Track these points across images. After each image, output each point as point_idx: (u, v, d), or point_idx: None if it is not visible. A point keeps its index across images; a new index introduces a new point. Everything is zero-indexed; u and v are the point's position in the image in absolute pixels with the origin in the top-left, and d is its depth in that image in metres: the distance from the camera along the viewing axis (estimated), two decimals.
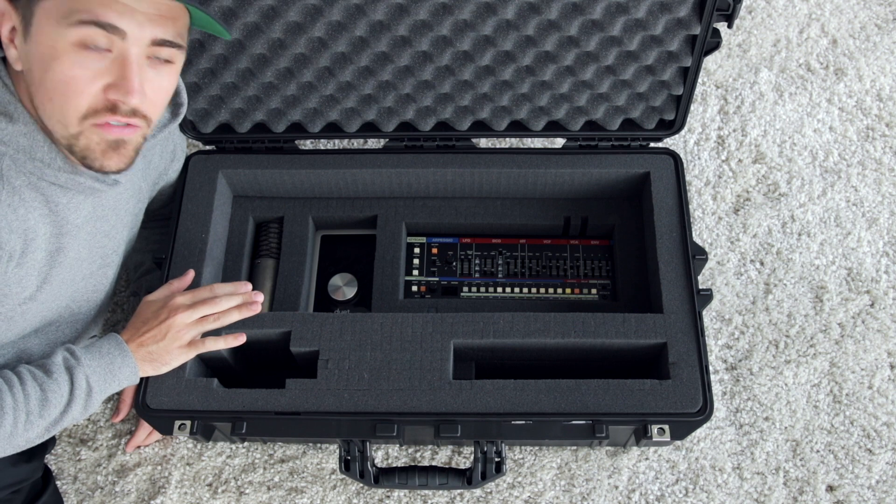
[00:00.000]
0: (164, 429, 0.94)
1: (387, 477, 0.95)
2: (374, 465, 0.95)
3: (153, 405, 0.94)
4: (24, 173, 0.79)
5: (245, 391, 0.94)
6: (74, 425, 1.14)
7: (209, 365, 1.01)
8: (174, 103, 0.92)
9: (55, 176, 0.80)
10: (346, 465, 0.94)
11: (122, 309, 1.23)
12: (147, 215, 1.15)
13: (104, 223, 0.92)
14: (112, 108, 0.75)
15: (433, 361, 0.95)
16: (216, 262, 1.07)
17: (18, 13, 0.74)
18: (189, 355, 0.92)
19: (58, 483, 1.09)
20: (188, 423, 0.93)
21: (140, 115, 0.78)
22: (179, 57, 0.80)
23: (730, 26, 0.94)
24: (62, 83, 0.73)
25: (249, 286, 0.97)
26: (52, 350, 0.88)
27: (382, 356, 0.96)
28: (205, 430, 0.96)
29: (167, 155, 1.05)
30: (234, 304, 0.94)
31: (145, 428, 1.10)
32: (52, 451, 1.12)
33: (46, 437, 0.85)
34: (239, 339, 0.95)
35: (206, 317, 0.92)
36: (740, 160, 1.33)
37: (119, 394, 1.15)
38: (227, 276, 1.10)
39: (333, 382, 0.94)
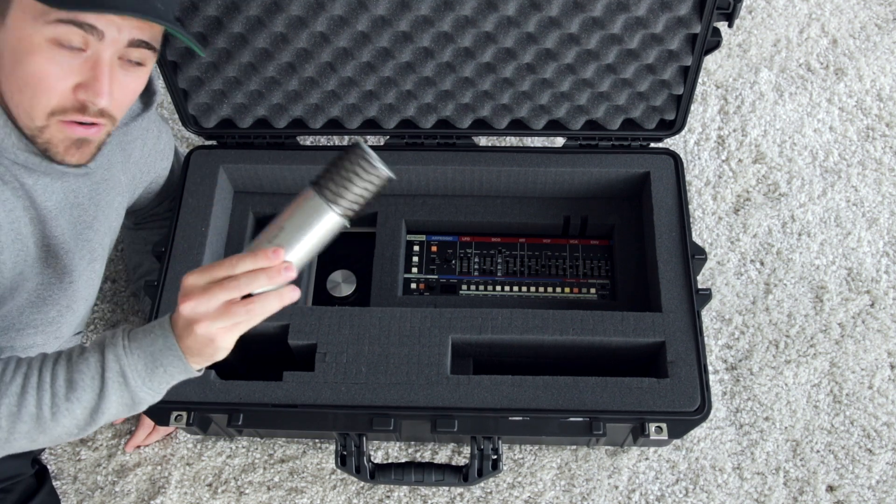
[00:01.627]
0: (161, 420, 0.94)
1: (382, 472, 0.95)
2: (370, 460, 0.95)
3: None
4: None
5: (242, 383, 0.95)
6: None
7: None
8: (146, 93, 0.92)
9: (16, 155, 0.79)
10: (342, 461, 0.94)
11: (121, 309, 1.23)
12: (144, 215, 1.15)
13: (84, 213, 0.91)
14: (80, 108, 0.75)
15: (431, 356, 0.95)
16: (216, 256, 1.08)
17: None
18: (232, 339, 0.74)
19: (57, 483, 1.09)
20: (184, 414, 0.93)
21: (107, 115, 0.78)
22: (151, 59, 0.80)
23: (730, 26, 0.95)
24: (34, 78, 0.73)
25: (277, 252, 0.71)
26: (39, 346, 0.87)
27: (380, 350, 0.96)
28: (201, 422, 0.96)
29: (149, 150, 1.04)
30: (264, 284, 0.71)
31: (145, 428, 1.10)
32: (52, 451, 1.11)
33: (92, 428, 0.76)
34: (294, 295, 0.73)
35: (231, 304, 0.71)
36: (740, 160, 1.34)
37: None
38: None
39: (331, 376, 0.94)
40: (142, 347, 0.73)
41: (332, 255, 1.17)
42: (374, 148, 1.13)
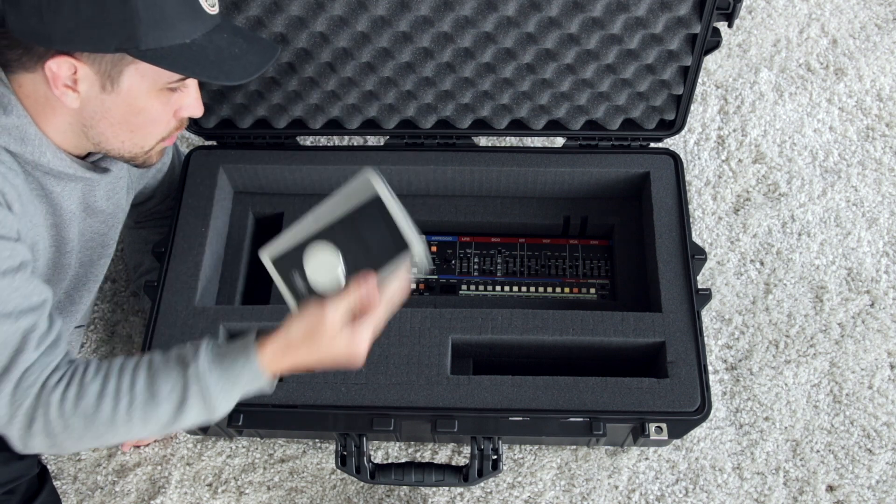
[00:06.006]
0: None
1: (383, 473, 0.95)
2: (370, 460, 0.95)
3: None
4: (22, 169, 0.80)
5: None
6: None
7: None
8: None
9: (46, 167, 0.82)
10: (342, 461, 0.94)
11: (121, 309, 1.23)
12: (146, 213, 1.16)
13: (99, 211, 0.93)
14: (179, 126, 0.85)
15: (431, 357, 0.95)
16: (216, 256, 1.08)
17: (91, 66, 0.74)
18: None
19: (57, 483, 1.09)
20: None
21: None
22: None
23: (730, 26, 0.95)
24: (150, 119, 0.80)
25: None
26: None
27: (380, 350, 0.96)
28: None
29: None
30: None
31: None
32: None
33: (162, 435, 0.82)
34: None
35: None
36: (740, 160, 1.34)
37: None
38: (226, 271, 1.10)
39: (331, 376, 0.94)
40: (225, 373, 0.78)
41: None
42: (374, 148, 1.13)
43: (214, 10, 0.78)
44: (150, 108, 0.79)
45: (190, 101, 0.82)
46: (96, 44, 0.72)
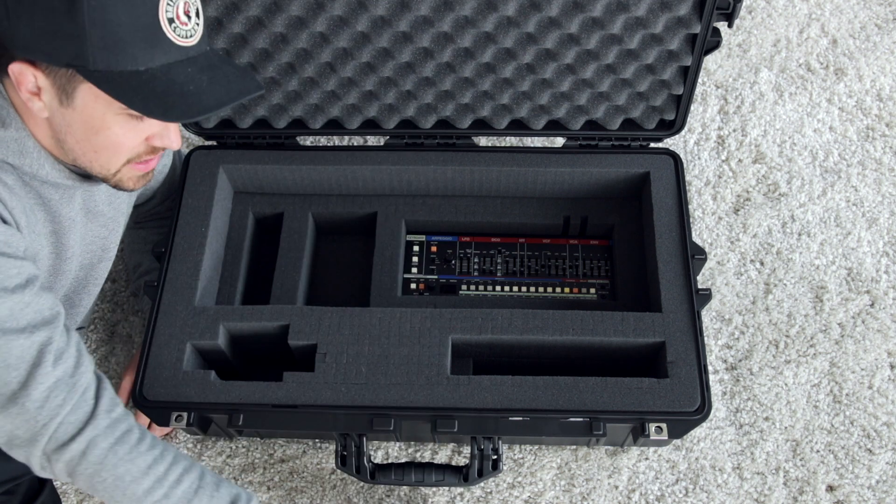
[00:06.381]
0: (161, 420, 0.94)
1: (383, 473, 0.95)
2: (370, 460, 0.95)
3: (150, 397, 0.94)
4: (22, 181, 0.80)
5: (242, 384, 0.95)
6: None
7: (207, 358, 1.01)
8: None
9: (45, 178, 0.82)
10: (342, 461, 0.94)
11: (121, 309, 1.23)
12: (146, 213, 1.16)
13: (100, 215, 0.93)
14: (152, 151, 0.82)
15: (431, 357, 0.95)
16: (216, 256, 1.08)
17: (48, 78, 0.73)
18: None
19: (57, 483, 1.09)
20: (185, 414, 0.93)
21: None
22: None
23: (730, 26, 0.95)
24: (111, 144, 0.78)
25: None
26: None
27: (380, 351, 0.96)
28: (201, 423, 0.96)
29: None
30: None
31: None
32: None
33: None
34: None
35: None
36: (740, 160, 1.34)
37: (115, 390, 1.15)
38: (226, 271, 1.10)
39: (331, 376, 0.94)
40: None
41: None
42: (374, 148, 1.13)
43: (188, 42, 0.74)
44: (111, 131, 0.76)
45: (160, 130, 0.79)
46: (50, 56, 0.70)
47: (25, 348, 0.74)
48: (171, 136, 0.80)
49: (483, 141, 1.31)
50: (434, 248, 1.17)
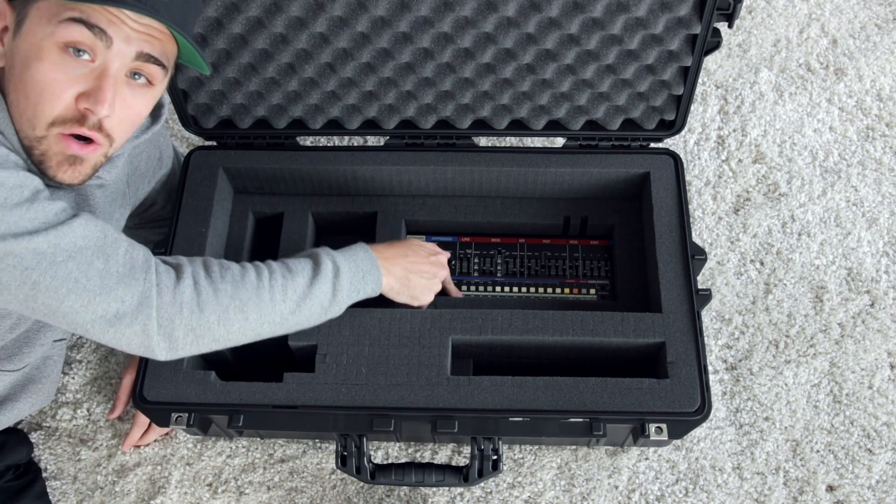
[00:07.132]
0: (161, 421, 0.94)
1: (383, 473, 0.95)
2: (370, 461, 0.95)
3: (150, 397, 0.94)
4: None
5: (242, 384, 0.94)
6: (74, 425, 1.13)
7: (207, 358, 1.01)
8: (154, 108, 0.91)
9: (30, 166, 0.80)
10: (342, 461, 0.94)
11: None
12: (146, 218, 1.15)
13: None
14: (80, 119, 0.76)
15: (431, 357, 0.95)
16: (216, 256, 1.07)
17: (14, 12, 0.75)
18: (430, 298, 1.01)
19: (57, 483, 1.09)
20: (185, 415, 0.93)
21: (104, 133, 0.78)
22: (161, 79, 0.81)
23: (730, 26, 0.95)
24: (41, 84, 0.74)
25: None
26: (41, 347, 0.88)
27: (380, 351, 0.96)
28: (201, 423, 0.96)
29: (153, 162, 1.06)
30: None
31: (140, 426, 1.10)
32: (52, 451, 1.12)
33: (293, 321, 0.86)
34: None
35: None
36: (740, 160, 1.34)
37: (115, 390, 1.15)
38: None
39: (331, 377, 0.94)
40: (349, 260, 0.90)
41: None
42: (374, 148, 1.13)
43: None
44: (45, 66, 0.73)
45: (91, 87, 0.74)
46: None
47: (83, 236, 0.75)
48: (100, 94, 0.75)
49: (483, 141, 1.31)
50: None
